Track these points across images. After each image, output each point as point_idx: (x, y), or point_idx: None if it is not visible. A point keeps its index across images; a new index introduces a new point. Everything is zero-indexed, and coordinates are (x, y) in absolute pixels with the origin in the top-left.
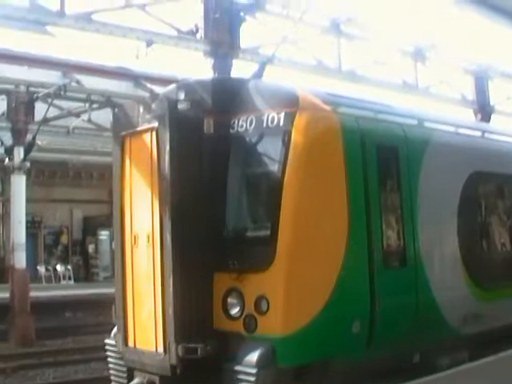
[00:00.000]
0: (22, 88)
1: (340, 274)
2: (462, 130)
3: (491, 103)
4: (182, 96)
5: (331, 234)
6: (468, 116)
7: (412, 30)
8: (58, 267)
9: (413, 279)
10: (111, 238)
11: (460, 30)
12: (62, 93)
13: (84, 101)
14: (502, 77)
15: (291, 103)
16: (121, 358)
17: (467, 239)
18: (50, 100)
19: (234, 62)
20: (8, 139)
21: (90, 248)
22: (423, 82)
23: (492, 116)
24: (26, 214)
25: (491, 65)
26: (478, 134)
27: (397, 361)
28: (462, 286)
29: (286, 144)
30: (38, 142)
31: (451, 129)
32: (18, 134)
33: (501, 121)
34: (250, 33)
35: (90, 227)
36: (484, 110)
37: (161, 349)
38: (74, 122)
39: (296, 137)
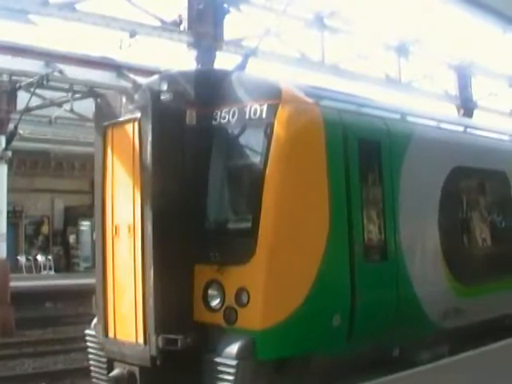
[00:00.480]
0: (5, 77)
1: (321, 268)
2: (444, 125)
3: (474, 99)
4: (164, 87)
5: (312, 227)
6: (451, 111)
7: (396, 24)
8: (39, 257)
9: (394, 273)
10: (92, 229)
11: (444, 26)
12: (45, 82)
13: (66, 91)
14: (484, 73)
15: (274, 95)
16: (101, 349)
17: (448, 234)
18: (32, 89)
19: (218, 53)
20: None
21: (71, 238)
22: (406, 77)
23: (474, 112)
24: (7, 204)
25: (474, 61)
26: (461, 129)
27: (377, 354)
28: (443, 280)
29: (269, 136)
30: (20, 131)
31: (434, 123)
32: None
33: (483, 117)
34: (233, 25)
35: (71, 217)
36: (467, 106)
37: (141, 340)
38: (56, 112)
39: (278, 129)
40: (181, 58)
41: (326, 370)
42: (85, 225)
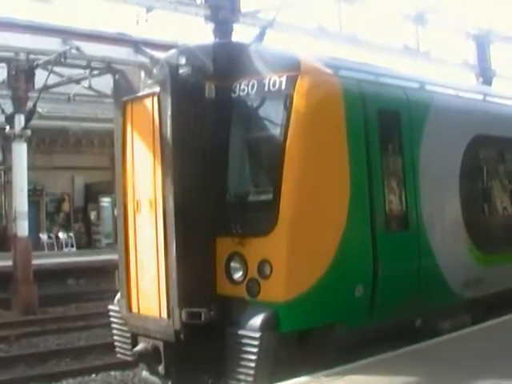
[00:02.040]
0: (22, 56)
1: (342, 238)
2: (463, 94)
3: (492, 67)
4: (182, 61)
5: (333, 198)
6: (469, 80)
7: None
8: (60, 235)
9: (415, 244)
10: (113, 205)
11: None
12: (63, 60)
13: (84, 67)
14: (503, 41)
15: (293, 67)
16: (124, 324)
17: (469, 203)
18: (50, 67)
19: (235, 26)
20: (9, 107)
21: (92, 215)
22: (424, 46)
23: (493, 80)
24: (28, 183)
25: (492, 29)
26: (480, 97)
27: (399, 325)
28: (464, 250)
29: (288, 108)
30: (39, 109)
31: (453, 92)
32: (18, 102)
33: (502, 85)
34: None
35: (92, 194)
36: (485, 74)
37: (164, 314)
38: (74, 89)
39: (297, 100)
40: (198, 32)
41: (349, 340)
42: (105, 201)
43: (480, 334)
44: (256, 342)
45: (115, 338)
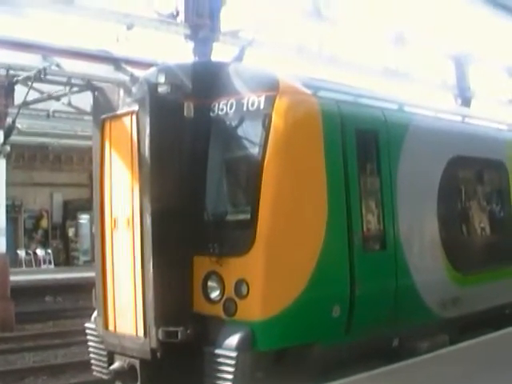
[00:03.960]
0: (2, 71)
1: (319, 258)
2: (442, 115)
3: (471, 88)
4: (162, 79)
5: (310, 218)
6: (448, 101)
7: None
8: (38, 251)
9: (392, 263)
10: (91, 222)
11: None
12: (43, 76)
13: (64, 84)
14: (482, 62)
15: (271, 87)
16: (101, 342)
17: (447, 224)
18: (30, 83)
19: (215, 45)
20: None
21: (70, 232)
22: (403, 67)
23: (472, 101)
24: (6, 198)
25: (472, 50)
26: (458, 118)
27: (376, 345)
28: (442, 270)
29: (266, 127)
30: (18, 125)
31: (431, 113)
32: None
33: (480, 106)
34: (230, 16)
35: (70, 211)
36: (464, 95)
37: (141, 332)
38: (54, 106)
39: (276, 120)
40: (178, 51)
41: (326, 360)
42: (84, 218)
43: (458, 354)
44: (232, 362)
45: (92, 355)
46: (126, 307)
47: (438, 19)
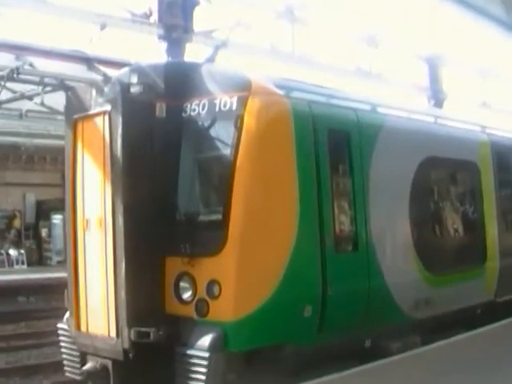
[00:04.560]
0: None
1: (291, 259)
2: (414, 116)
3: (444, 90)
4: (134, 80)
5: (282, 219)
6: (421, 102)
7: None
8: (11, 251)
9: (364, 264)
10: (64, 222)
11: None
12: (15, 75)
13: (37, 84)
14: (455, 64)
15: (243, 87)
16: (73, 343)
17: (419, 225)
18: (2, 83)
19: (188, 45)
20: None
21: (43, 232)
22: (377, 68)
23: (445, 102)
24: None
25: (445, 52)
26: (431, 119)
27: (348, 345)
28: (414, 271)
29: (238, 128)
30: None
31: (404, 114)
32: None
33: (453, 108)
34: (203, 17)
35: (43, 211)
36: (437, 96)
37: (113, 333)
38: (27, 105)
39: (248, 121)
40: (151, 51)
41: (298, 360)
42: (57, 218)
43: (430, 354)
44: (205, 362)
45: (64, 356)
46: (98, 308)
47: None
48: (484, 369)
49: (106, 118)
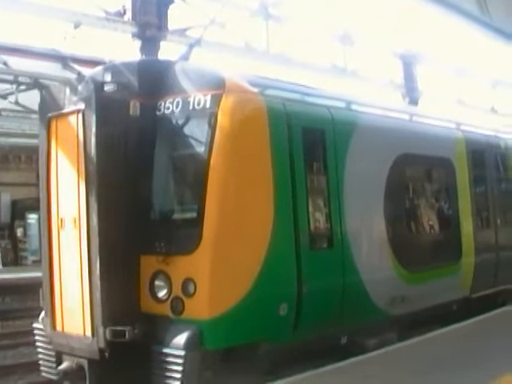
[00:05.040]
0: None
1: (266, 257)
2: (389, 113)
3: (419, 87)
4: (108, 78)
5: (257, 217)
6: (396, 100)
7: (340, 12)
8: None
9: (339, 261)
10: (40, 222)
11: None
12: None
13: (11, 82)
14: (430, 61)
15: (217, 85)
16: (49, 343)
17: (394, 222)
18: None
19: (162, 44)
20: None
21: (19, 232)
22: (352, 66)
23: (420, 100)
24: None
25: (419, 49)
26: (406, 117)
27: (324, 342)
28: (389, 268)
29: (212, 126)
30: None
31: (379, 112)
32: None
33: (429, 105)
34: (178, 15)
35: (19, 211)
36: (412, 94)
37: (89, 332)
38: (1, 104)
39: (222, 119)
40: (125, 49)
41: (274, 358)
42: (32, 218)
43: (405, 350)
44: (180, 360)
45: (40, 356)
46: (73, 307)
47: (386, 18)
48: (460, 364)
49: (80, 116)
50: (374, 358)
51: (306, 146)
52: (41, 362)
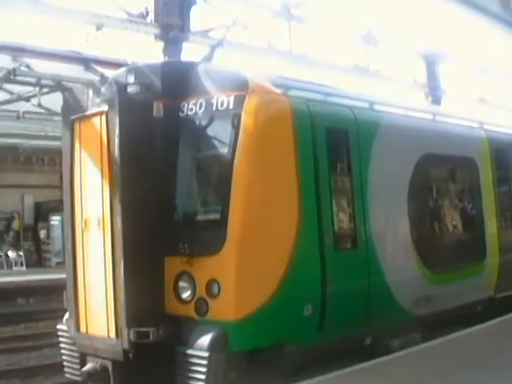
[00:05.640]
0: None
1: (291, 258)
2: (412, 113)
3: (442, 86)
4: (131, 79)
5: (282, 217)
6: (419, 99)
7: (363, 12)
8: (10, 253)
9: (364, 262)
10: (63, 224)
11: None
12: (12, 77)
13: (34, 85)
14: (453, 60)
15: (241, 86)
16: (73, 344)
17: (419, 222)
18: None
19: (185, 45)
20: None
21: (42, 233)
22: (374, 65)
23: (442, 99)
24: None
25: (442, 49)
26: (429, 116)
27: (349, 343)
28: (414, 268)
29: (236, 127)
30: None
31: (402, 112)
32: None
33: (452, 104)
34: (200, 16)
35: (42, 212)
36: (435, 93)
37: (113, 334)
38: (24, 107)
39: (246, 120)
40: (148, 51)
41: (298, 359)
42: (55, 219)
43: (430, 351)
44: (205, 362)
45: (64, 357)
46: (97, 308)
47: (409, 18)
48: (485, 365)
49: (104, 118)
50: (399, 359)
51: (330, 147)
52: (65, 363)
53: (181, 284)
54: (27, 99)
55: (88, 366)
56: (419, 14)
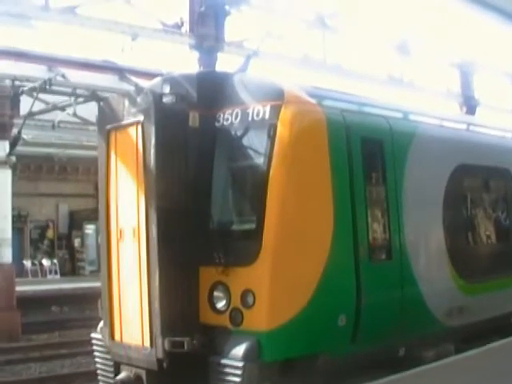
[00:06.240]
0: (8, 82)
1: (326, 268)
2: (447, 123)
3: (476, 96)
4: (167, 89)
5: (317, 228)
6: (453, 109)
7: (397, 23)
8: (44, 261)
9: (398, 273)
10: (97, 232)
11: (445, 23)
12: (48, 87)
13: (69, 95)
14: (487, 70)
15: (276, 97)
16: (107, 353)
17: (453, 232)
18: (35, 94)
19: (220, 55)
20: None
21: (76, 242)
22: (408, 76)
23: (477, 109)
24: (12, 209)
25: (476, 58)
26: (463, 127)
27: (382, 354)
28: (448, 279)
29: (272, 137)
30: (24, 136)
31: (436, 122)
32: (3, 129)
33: (486, 114)
34: (235, 26)
35: (76, 221)
36: (469, 103)
37: (147, 343)
38: (59, 116)
39: (281, 130)
40: (183, 61)
41: (332, 370)
42: (90, 228)
43: (463, 363)
44: (239, 372)
45: (98, 366)
46: (132, 317)
47: (442, 27)
48: None
49: (139, 128)
50: (432, 370)
51: (365, 157)
52: (98, 371)
53: (216, 294)
54: (62, 109)
55: (122, 375)
56: (453, 24)
